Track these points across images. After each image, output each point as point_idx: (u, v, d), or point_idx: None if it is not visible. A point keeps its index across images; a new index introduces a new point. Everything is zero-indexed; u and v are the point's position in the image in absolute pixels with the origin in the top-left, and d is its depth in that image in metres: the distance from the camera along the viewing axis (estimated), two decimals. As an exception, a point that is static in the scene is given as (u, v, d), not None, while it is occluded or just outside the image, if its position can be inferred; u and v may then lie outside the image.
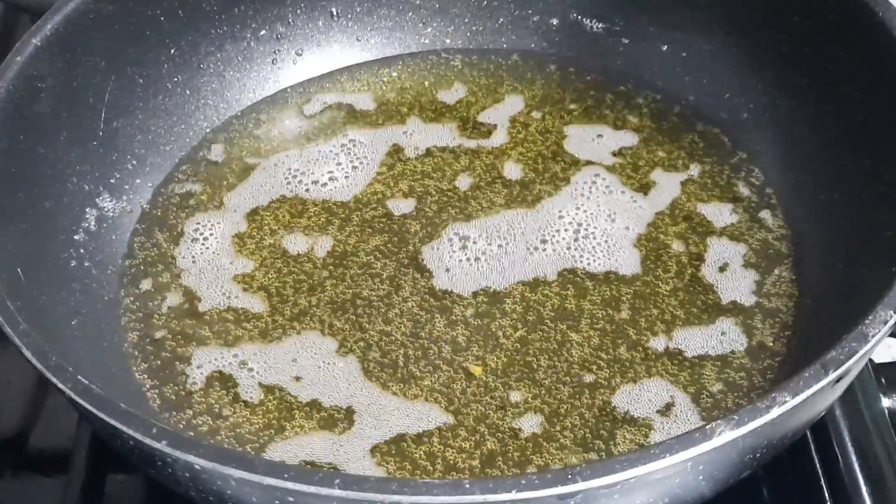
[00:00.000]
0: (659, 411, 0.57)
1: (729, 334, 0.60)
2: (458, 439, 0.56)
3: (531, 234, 0.66)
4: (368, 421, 0.57)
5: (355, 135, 0.73)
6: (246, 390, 0.59)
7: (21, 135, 0.60)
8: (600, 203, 0.67)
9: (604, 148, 0.71)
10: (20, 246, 0.57)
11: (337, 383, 0.59)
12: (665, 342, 0.60)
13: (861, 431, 0.57)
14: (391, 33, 0.78)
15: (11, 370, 0.68)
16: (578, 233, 0.65)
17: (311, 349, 0.61)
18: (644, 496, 0.44)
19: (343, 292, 0.64)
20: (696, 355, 0.59)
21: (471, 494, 0.40)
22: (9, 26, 0.88)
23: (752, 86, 0.70)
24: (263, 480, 0.41)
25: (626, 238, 0.65)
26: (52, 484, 0.62)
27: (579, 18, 0.76)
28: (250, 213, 0.69)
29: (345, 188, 0.70)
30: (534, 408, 0.57)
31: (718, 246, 0.65)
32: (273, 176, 0.71)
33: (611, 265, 0.64)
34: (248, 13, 0.74)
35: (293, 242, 0.67)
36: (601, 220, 0.66)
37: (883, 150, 0.59)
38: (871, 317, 0.46)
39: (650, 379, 0.58)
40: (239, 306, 0.63)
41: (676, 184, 0.68)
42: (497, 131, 0.73)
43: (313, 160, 0.71)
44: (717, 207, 0.67)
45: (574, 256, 0.64)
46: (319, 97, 0.76)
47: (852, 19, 0.61)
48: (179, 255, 0.66)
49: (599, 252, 0.64)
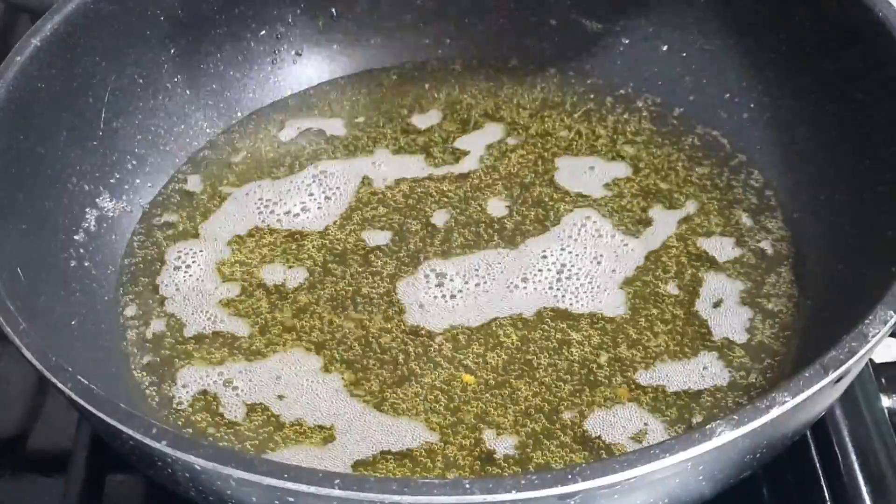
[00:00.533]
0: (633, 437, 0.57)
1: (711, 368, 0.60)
2: (457, 438, 0.56)
3: (511, 272, 0.64)
4: (351, 437, 0.56)
5: (326, 166, 0.71)
6: (230, 409, 0.58)
7: (21, 135, 0.60)
8: (587, 245, 0.65)
9: (595, 181, 0.69)
10: (20, 246, 0.57)
11: (320, 402, 0.58)
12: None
13: (861, 431, 0.57)
14: (391, 35, 0.78)
15: (11, 370, 0.68)
16: (562, 273, 0.64)
17: (294, 366, 0.60)
18: (644, 496, 0.44)
19: (321, 319, 0.63)
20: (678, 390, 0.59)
21: (471, 494, 0.40)
22: (9, 26, 0.88)
23: (752, 86, 0.70)
24: (263, 480, 0.41)
25: (611, 280, 0.63)
26: (52, 484, 0.62)
27: (579, 19, 0.76)
28: (228, 242, 0.67)
29: (317, 219, 0.68)
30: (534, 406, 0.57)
31: (715, 282, 0.63)
32: (245, 206, 0.69)
33: (595, 306, 0.62)
34: (248, 13, 0.74)
35: (270, 272, 0.65)
36: (586, 261, 0.64)
37: (883, 150, 0.59)
38: (871, 317, 0.46)
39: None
40: (224, 330, 0.62)
41: (673, 222, 0.66)
42: (477, 160, 0.71)
43: (285, 190, 0.70)
44: (718, 241, 0.65)
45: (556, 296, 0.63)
46: (295, 122, 0.74)
47: (852, 19, 0.61)
48: (162, 284, 0.65)
49: (583, 292, 0.62)
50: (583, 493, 0.40)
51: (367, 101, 0.76)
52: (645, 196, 0.68)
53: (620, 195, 0.68)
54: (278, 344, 0.61)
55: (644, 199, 0.68)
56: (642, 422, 0.56)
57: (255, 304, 0.64)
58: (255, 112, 0.75)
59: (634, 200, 0.68)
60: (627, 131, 0.72)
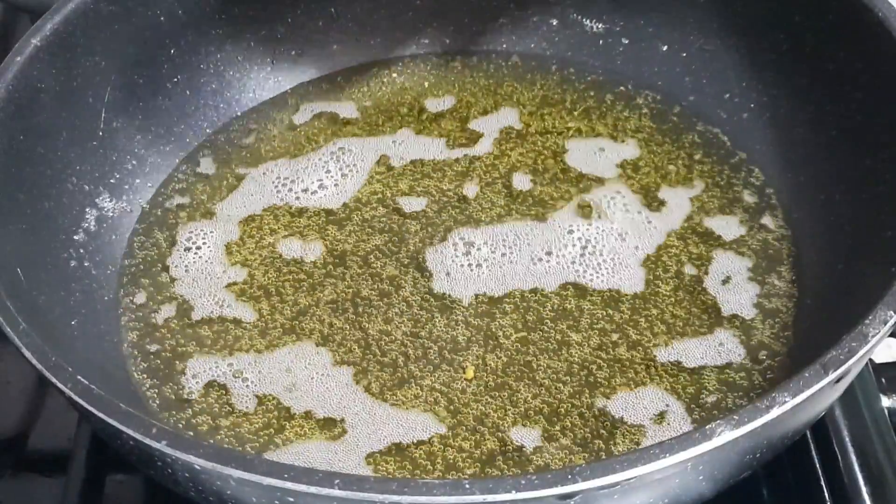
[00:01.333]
0: (653, 418, 0.57)
1: (727, 345, 0.60)
2: (458, 439, 0.56)
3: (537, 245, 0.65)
4: (363, 430, 0.57)
5: (345, 143, 0.73)
6: (240, 399, 0.59)
7: (21, 135, 0.60)
8: (614, 221, 0.66)
9: (607, 161, 0.70)
10: (20, 246, 0.57)
11: (331, 394, 0.58)
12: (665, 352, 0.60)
13: (861, 431, 0.57)
14: (391, 34, 0.78)
15: (11, 370, 0.68)
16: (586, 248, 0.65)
17: (305, 358, 0.61)
18: (644, 496, 0.44)
19: (343, 291, 0.64)
20: (695, 366, 0.59)
21: (471, 495, 0.40)
22: (9, 26, 0.88)
23: (752, 86, 0.70)
24: (263, 481, 0.41)
25: (633, 257, 0.64)
26: (52, 484, 0.62)
27: (579, 18, 0.76)
28: (243, 220, 0.68)
29: (335, 196, 0.70)
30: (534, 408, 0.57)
31: (724, 259, 0.64)
32: (263, 185, 0.70)
33: (615, 283, 0.63)
34: (247, 13, 0.74)
35: (288, 247, 0.67)
36: (612, 238, 0.65)
37: (883, 150, 0.59)
38: (870, 317, 0.46)
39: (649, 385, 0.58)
40: (231, 315, 0.63)
41: (686, 200, 0.68)
42: (489, 141, 0.72)
43: (302, 168, 0.71)
44: (724, 220, 0.66)
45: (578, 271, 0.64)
46: (309, 106, 0.75)
47: (852, 19, 0.61)
48: (172, 265, 0.66)
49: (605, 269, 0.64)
50: (583, 494, 0.40)
51: (371, 93, 0.76)
52: (645, 194, 0.68)
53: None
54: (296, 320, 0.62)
55: (644, 196, 0.68)
56: (663, 402, 0.57)
57: (275, 278, 0.65)
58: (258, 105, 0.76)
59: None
60: (627, 129, 0.72)
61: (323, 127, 0.74)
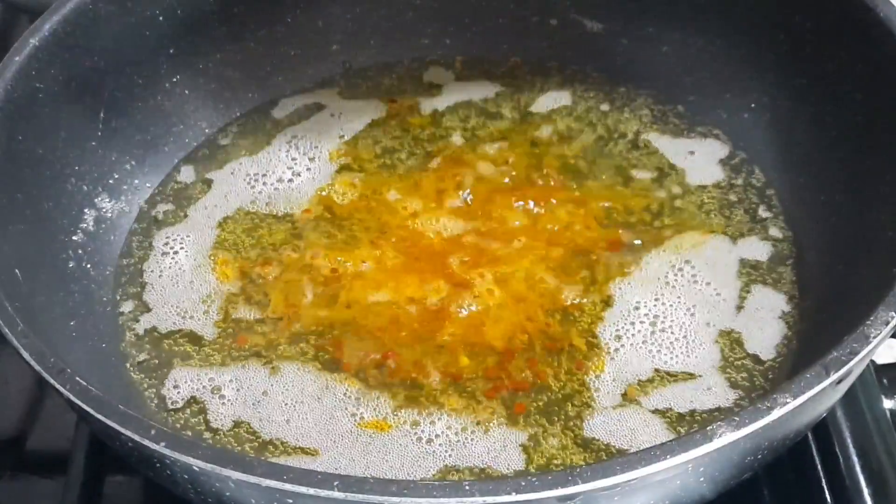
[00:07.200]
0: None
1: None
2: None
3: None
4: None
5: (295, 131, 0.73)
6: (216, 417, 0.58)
7: (20, 135, 0.60)
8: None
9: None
10: (18, 247, 0.57)
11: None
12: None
13: (863, 433, 0.57)
14: (390, 35, 0.78)
15: (10, 371, 0.68)
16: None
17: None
18: (645, 497, 0.44)
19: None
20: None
21: (470, 496, 0.40)
22: (8, 26, 0.88)
23: (752, 86, 0.70)
24: (262, 482, 0.41)
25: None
26: (51, 485, 0.62)
27: (579, 18, 0.76)
28: (243, 220, 0.68)
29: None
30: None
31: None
32: (263, 185, 0.70)
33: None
34: (247, 13, 0.74)
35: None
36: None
37: (883, 150, 0.59)
38: (872, 318, 0.46)
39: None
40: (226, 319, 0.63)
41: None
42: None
43: (267, 161, 0.71)
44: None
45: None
46: (309, 106, 0.75)
47: (852, 19, 0.61)
48: (148, 270, 0.66)
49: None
50: (583, 495, 0.40)
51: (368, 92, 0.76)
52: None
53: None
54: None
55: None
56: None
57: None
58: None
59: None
60: (627, 129, 0.72)
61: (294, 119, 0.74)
